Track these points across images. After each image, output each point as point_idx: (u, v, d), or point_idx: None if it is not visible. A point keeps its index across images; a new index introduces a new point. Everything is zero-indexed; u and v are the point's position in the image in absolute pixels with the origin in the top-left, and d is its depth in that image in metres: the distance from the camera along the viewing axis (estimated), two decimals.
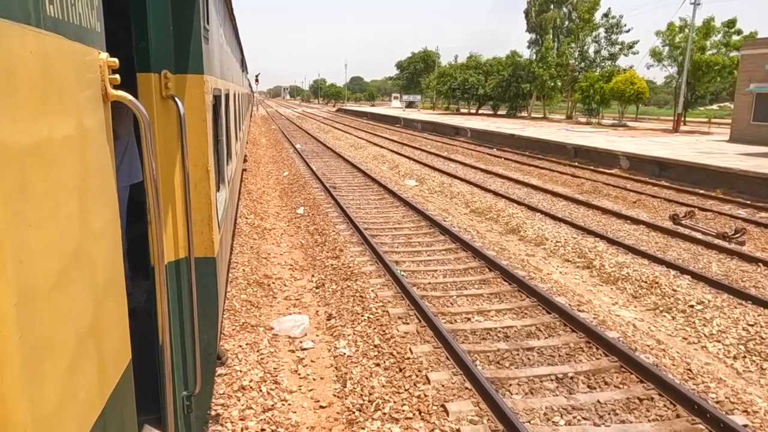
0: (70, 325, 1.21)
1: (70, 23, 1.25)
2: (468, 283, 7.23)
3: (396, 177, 17.28)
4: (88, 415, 1.30)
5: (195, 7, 2.54)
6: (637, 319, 6.49)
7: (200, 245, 2.78)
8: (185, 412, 2.79)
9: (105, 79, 1.50)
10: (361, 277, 7.28)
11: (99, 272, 1.41)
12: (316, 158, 21.44)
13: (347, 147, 26.72)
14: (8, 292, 0.93)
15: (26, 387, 0.99)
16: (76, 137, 1.29)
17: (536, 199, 13.44)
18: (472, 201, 13.03)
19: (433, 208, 12.39)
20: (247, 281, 7.32)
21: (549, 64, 42.82)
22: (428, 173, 17.42)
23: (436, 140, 31.08)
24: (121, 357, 1.58)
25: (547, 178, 17.47)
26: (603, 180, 16.62)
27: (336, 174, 17.17)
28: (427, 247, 9.01)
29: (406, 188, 15.11)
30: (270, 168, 19.03)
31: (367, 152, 24.21)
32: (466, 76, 53.48)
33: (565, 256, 8.88)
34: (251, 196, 13.56)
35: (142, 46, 2.35)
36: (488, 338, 5.63)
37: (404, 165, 19.42)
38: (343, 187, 14.55)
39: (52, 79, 1.15)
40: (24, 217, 1.01)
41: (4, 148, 0.94)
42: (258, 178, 16.73)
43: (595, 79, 37.95)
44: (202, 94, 2.66)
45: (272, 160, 21.21)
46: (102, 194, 1.47)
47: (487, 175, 17.53)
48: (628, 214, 11.83)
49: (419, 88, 73.33)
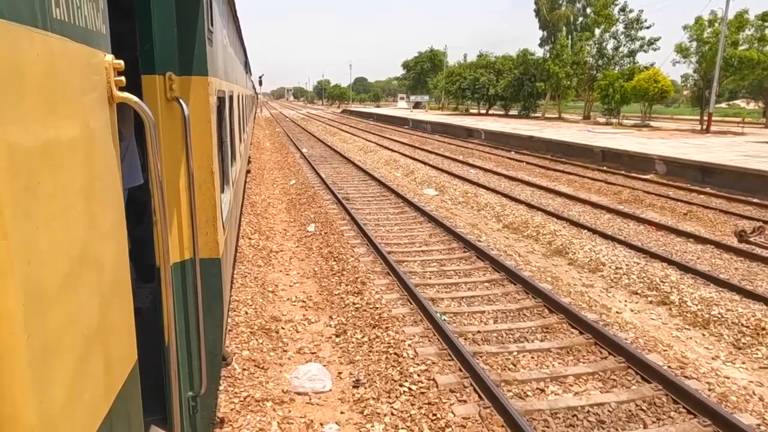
0: (77, 326, 1.22)
1: (76, 25, 1.26)
2: (528, 332, 5.76)
3: (413, 185, 15.81)
4: (94, 416, 1.30)
5: (199, 9, 2.54)
6: (755, 383, 5.00)
7: (205, 246, 2.76)
8: (191, 412, 2.77)
9: (111, 80, 1.50)
10: (392, 324, 5.83)
11: (105, 273, 1.42)
12: (325, 164, 20.01)
13: (356, 151, 25.28)
14: (17, 293, 0.94)
15: (34, 387, 0.99)
16: (83, 139, 1.29)
17: (575, 211, 11.94)
18: (503, 214, 11.56)
19: (462, 223, 10.91)
20: (250, 329, 5.88)
21: (564, 62, 41.12)
22: (447, 180, 15.95)
23: (449, 143, 29.59)
24: (127, 358, 1.58)
25: (578, 185, 15.96)
26: (641, 187, 15.10)
27: (347, 182, 15.71)
28: (465, 277, 7.54)
29: (426, 199, 13.64)
30: (275, 175, 17.61)
31: (378, 156, 22.77)
32: (476, 76, 51.81)
33: (631, 287, 7.39)
34: (255, 209, 12.13)
35: (146, 48, 2.36)
36: (577, 425, 4.15)
37: (420, 171, 17.95)
38: (357, 199, 13.10)
39: (58, 81, 1.15)
40: (32, 218, 1.02)
41: (12, 149, 0.94)
42: (262, 187, 15.31)
43: (615, 77, 36.24)
44: (207, 95, 2.65)
45: (278, 166, 19.80)
46: (108, 196, 1.48)
47: (512, 183, 16.04)
48: (686, 229, 10.31)
49: (426, 89, 71.70)
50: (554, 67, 41.04)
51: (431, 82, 69.40)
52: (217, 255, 2.85)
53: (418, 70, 74.99)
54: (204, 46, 2.59)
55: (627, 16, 39.72)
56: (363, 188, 14.67)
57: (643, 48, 39.71)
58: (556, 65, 41.07)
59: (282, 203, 13.13)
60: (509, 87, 48.38)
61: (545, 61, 43.33)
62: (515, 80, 47.45)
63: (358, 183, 15.59)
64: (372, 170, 18.02)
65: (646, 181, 16.30)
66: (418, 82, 74.53)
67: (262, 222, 10.99)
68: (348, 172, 17.95)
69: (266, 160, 21.92)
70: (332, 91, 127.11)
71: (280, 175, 17.71)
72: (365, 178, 16.40)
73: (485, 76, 51.17)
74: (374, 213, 11.50)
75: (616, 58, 40.91)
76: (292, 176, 16.97)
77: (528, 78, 46.15)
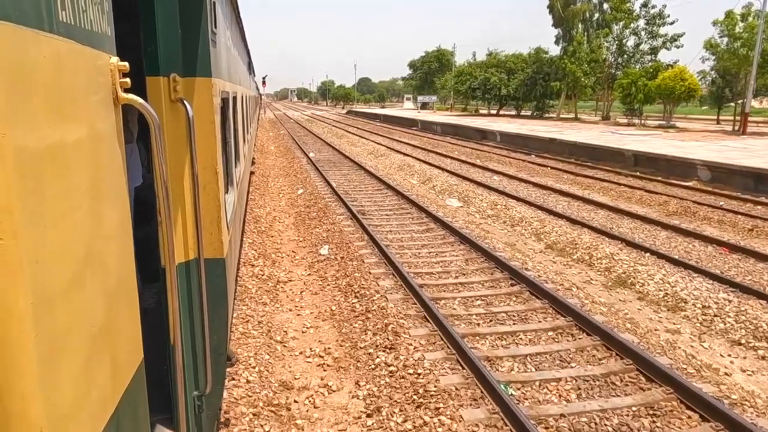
0: (84, 325, 1.22)
1: (82, 28, 1.26)
2: (629, 414, 4.26)
3: (433, 195, 14.33)
4: (101, 414, 1.30)
5: (202, 11, 2.55)
6: None
7: (209, 246, 2.75)
8: (196, 412, 2.76)
9: (116, 82, 1.50)
10: (443, 402, 4.35)
11: (111, 273, 1.42)
12: (334, 169, 18.56)
13: (366, 155, 23.83)
14: (26, 292, 0.94)
15: (42, 385, 0.99)
16: (89, 140, 1.29)
17: (626, 227, 10.44)
18: (543, 231, 10.07)
19: (499, 243, 9.42)
20: (254, 408, 4.42)
21: (581, 60, 39.36)
22: (470, 189, 14.47)
23: (462, 145, 28.08)
24: (133, 357, 1.59)
25: (615, 193, 14.44)
26: (687, 196, 13.57)
27: (361, 192, 14.24)
28: (522, 322, 6.05)
29: (451, 211, 12.16)
30: (281, 183, 16.17)
31: (390, 161, 21.31)
32: (487, 75, 50.08)
33: (730, 335, 5.90)
34: (258, 225, 10.68)
35: (150, 50, 2.37)
36: None
37: (437, 177, 16.48)
38: (374, 212, 11.62)
39: (65, 83, 1.16)
40: (40, 219, 1.02)
41: (20, 151, 0.95)
42: (267, 197, 13.87)
43: (637, 75, 34.53)
44: (210, 96, 2.66)
45: (283, 173, 18.37)
46: (113, 196, 1.48)
47: (542, 191, 14.54)
48: (763, 250, 8.79)
49: (433, 89, 70.04)
50: (570, 66, 39.26)
51: (439, 82, 67.74)
52: (221, 255, 2.84)
53: (425, 69, 73.28)
54: (207, 48, 2.61)
55: (649, 11, 37.94)
56: (379, 199, 13.19)
57: (665, 45, 37.91)
58: (572, 63, 39.30)
59: (289, 217, 11.68)
60: (521, 87, 46.64)
61: (560, 60, 41.56)
62: (528, 79, 45.71)
63: (373, 193, 14.11)
64: (386, 177, 16.56)
65: (691, 189, 14.76)
66: (425, 83, 72.86)
67: (267, 242, 9.54)
68: (360, 179, 16.48)
69: (271, 165, 20.50)
70: (337, 92, 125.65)
71: (286, 182, 16.27)
72: (380, 187, 14.92)
73: (496, 75, 49.46)
74: (395, 231, 10.02)
75: (637, 55, 39.08)
76: (299, 184, 15.53)
77: (542, 77, 44.44)
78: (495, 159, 22.17)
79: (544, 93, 44.91)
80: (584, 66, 39.13)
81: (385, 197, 13.42)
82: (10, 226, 0.92)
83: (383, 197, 13.44)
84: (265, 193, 14.37)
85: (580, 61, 39.17)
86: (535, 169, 19.22)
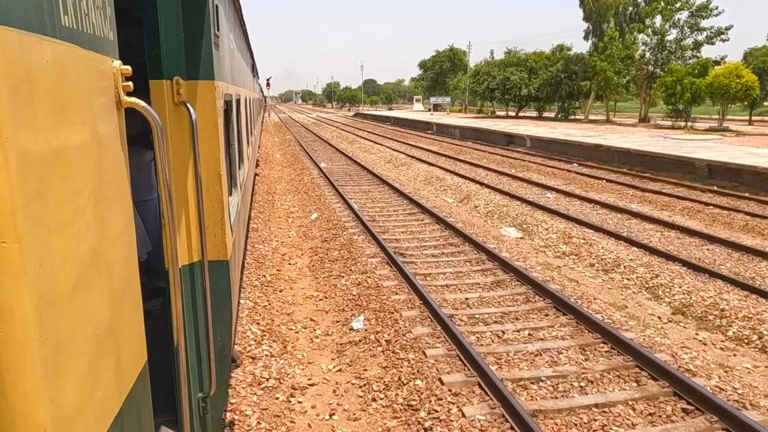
0: (88, 327, 1.22)
1: (84, 33, 1.26)
2: None
3: (479, 219, 11.49)
4: (106, 415, 1.30)
5: (205, 14, 2.54)
6: None
7: (213, 248, 2.75)
8: (201, 413, 2.75)
9: (118, 86, 1.50)
10: None
11: (115, 275, 1.43)
12: (350, 183, 15.77)
13: (383, 164, 21.05)
14: (29, 294, 0.95)
15: (47, 386, 1.00)
16: (92, 144, 1.30)
17: (751, 270, 7.57)
18: (657, 283, 7.23)
19: (607, 307, 6.56)
20: None
21: (613, 57, 36.19)
22: (523, 211, 11.65)
23: (489, 151, 25.20)
24: (137, 358, 1.58)
25: (706, 217, 11.52)
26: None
27: (390, 217, 11.40)
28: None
29: (512, 245, 9.33)
30: (289, 202, 13.40)
31: (413, 172, 18.53)
32: (506, 74, 47.00)
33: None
34: (262, 270, 7.91)
35: (154, 54, 2.36)
36: None
37: (476, 194, 13.68)
38: (415, 251, 8.78)
39: (68, 87, 1.16)
40: (44, 222, 1.03)
41: (24, 155, 0.95)
42: (272, 224, 11.09)
43: (682, 72, 31.36)
44: (214, 99, 2.65)
45: (292, 187, 15.61)
46: (117, 199, 1.48)
47: (615, 214, 11.69)
48: None
49: (445, 89, 66.98)
50: (601, 63, 36.03)
51: (451, 83, 64.73)
52: (225, 257, 2.83)
53: (437, 70, 70.14)
54: (210, 51, 2.59)
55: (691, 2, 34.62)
56: (415, 228, 10.34)
57: (711, 39, 34.71)
58: (604, 61, 36.08)
59: (302, 256, 8.88)
60: (545, 86, 43.52)
61: (590, 57, 38.40)
62: (552, 79, 42.59)
63: (406, 218, 11.25)
64: (414, 194, 13.78)
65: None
66: (437, 83, 69.76)
67: (274, 303, 6.74)
68: (384, 197, 13.65)
69: (276, 177, 17.74)
70: (342, 94, 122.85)
71: (296, 201, 13.50)
72: (411, 209, 12.07)
73: (516, 74, 46.40)
74: (454, 286, 7.14)
75: (679, 51, 35.82)
76: (311, 205, 12.74)
77: (567, 76, 41.38)
78: (533, 168, 19.31)
79: (570, 93, 41.74)
80: (617, 64, 35.93)
81: (423, 225, 10.56)
82: (13, 229, 0.92)
83: (420, 225, 10.58)
84: (270, 218, 11.58)
85: (612, 58, 35.97)
86: (587, 182, 16.33)
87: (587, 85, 38.33)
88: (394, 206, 12.44)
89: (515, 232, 10.29)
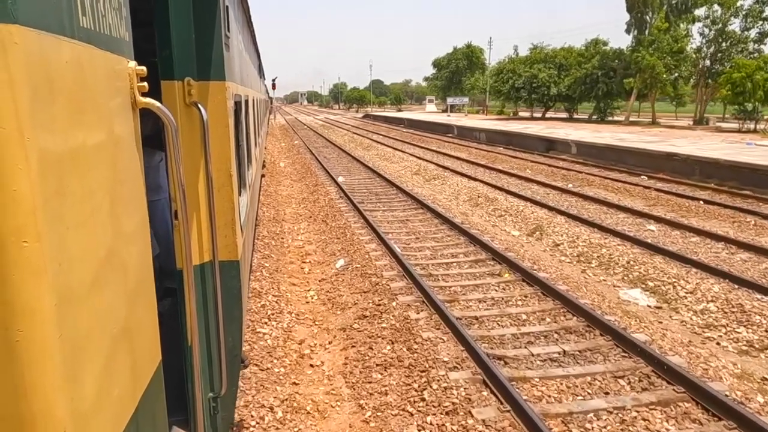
0: (105, 326, 1.22)
1: (102, 33, 1.26)
2: None
3: (578, 272, 8.11)
4: (122, 414, 1.29)
5: (216, 15, 2.52)
6: None
7: (224, 249, 2.74)
8: (212, 413, 2.74)
9: (134, 86, 1.50)
10: None
11: (131, 275, 1.42)
12: (380, 207, 12.49)
13: (411, 176, 17.84)
14: (49, 293, 0.94)
15: (66, 385, 0.99)
16: (109, 144, 1.29)
17: None
18: None
19: None
20: None
21: (663, 51, 32.58)
22: (638, 257, 8.29)
23: (529, 159, 21.90)
24: (152, 357, 1.57)
25: None
26: None
27: (451, 268, 7.99)
28: None
29: (649, 323, 6.00)
30: (304, 236, 10.14)
31: (451, 188, 15.30)
32: (533, 72, 43.41)
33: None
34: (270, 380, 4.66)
35: (165, 55, 2.35)
36: None
37: (552, 225, 10.36)
38: (517, 346, 5.45)
39: (85, 88, 1.16)
40: (62, 221, 1.02)
41: (43, 154, 0.95)
42: (282, 274, 7.85)
43: (752, 67, 27.85)
44: (224, 100, 2.64)
45: (305, 212, 12.35)
46: (132, 199, 1.48)
47: (760, 257, 8.32)
48: None
49: (461, 89, 63.39)
50: (649, 58, 32.39)
51: (469, 82, 61.16)
52: (236, 257, 2.81)
53: (453, 68, 66.46)
54: (221, 51, 2.58)
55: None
56: (498, 293, 6.96)
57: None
58: (652, 55, 32.43)
59: (330, 346, 5.66)
60: (578, 85, 39.87)
61: (633, 51, 34.74)
62: (587, 76, 38.99)
63: (475, 270, 7.88)
64: (467, 223, 10.58)
65: None
66: (452, 83, 66.16)
67: None
68: (430, 230, 10.30)
69: (285, 196, 14.48)
70: (350, 95, 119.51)
71: (312, 234, 10.25)
72: (477, 253, 8.64)
73: (545, 71, 42.79)
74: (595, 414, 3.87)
75: (740, 44, 32.14)
76: (334, 241, 9.47)
77: (605, 73, 37.80)
78: (596, 183, 15.96)
79: (609, 92, 38.00)
80: (667, 58, 32.30)
81: (507, 289, 7.15)
82: (34, 228, 0.92)
83: (502, 287, 7.19)
84: (279, 265, 8.27)
85: (662, 52, 32.32)
86: (678, 204, 12.91)
87: (631, 83, 34.59)
88: (449, 246, 9.10)
89: (642, 296, 6.94)
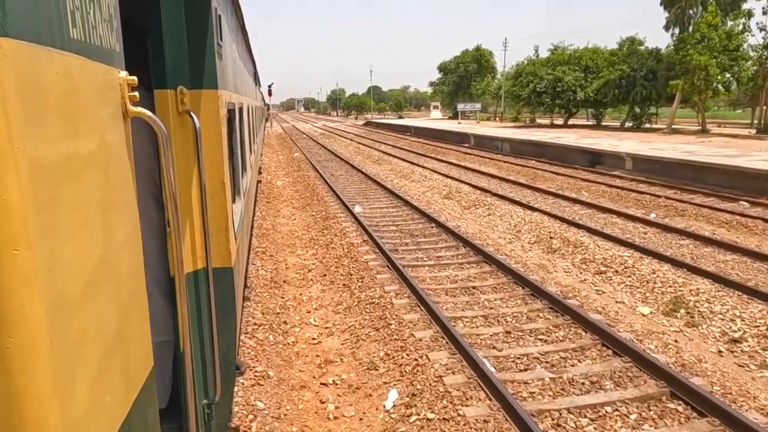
0: (97, 333, 1.23)
1: (92, 44, 1.29)
2: None
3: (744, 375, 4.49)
4: (114, 421, 1.31)
5: (208, 24, 2.56)
6: None
7: (218, 256, 2.76)
8: (206, 420, 2.75)
9: (125, 96, 1.53)
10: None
11: (123, 282, 1.44)
12: (423, 258, 8.80)
13: (441, 201, 14.25)
14: (40, 300, 0.96)
15: (57, 392, 1.01)
16: (100, 153, 1.31)
17: None
18: None
19: None
20: None
21: (714, 49, 28.94)
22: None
23: (575, 176, 18.34)
24: (143, 364, 1.59)
25: None
26: None
27: (595, 409, 4.37)
28: None
29: None
30: (321, 316, 6.55)
31: (504, 221, 11.62)
32: (557, 74, 39.76)
33: None
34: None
35: (158, 64, 2.38)
36: None
37: (693, 292, 6.70)
38: None
39: (76, 98, 1.19)
40: (54, 229, 1.04)
41: (35, 164, 0.97)
42: (283, 422, 4.11)
43: None
44: (217, 108, 2.68)
45: (316, 265, 8.70)
46: (124, 207, 1.50)
47: None
48: None
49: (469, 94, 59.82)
50: (699, 57, 28.67)
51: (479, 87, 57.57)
52: (229, 264, 2.85)
53: (461, 72, 62.79)
54: (214, 60, 2.62)
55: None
56: None
57: None
58: (702, 54, 28.72)
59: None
60: (609, 89, 36.12)
61: (678, 51, 31.11)
62: (622, 79, 35.34)
63: (619, 395, 4.24)
64: (562, 292, 6.94)
65: None
66: (460, 87, 62.54)
67: None
68: (510, 305, 6.63)
69: (286, 234, 10.83)
70: (349, 101, 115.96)
71: (332, 311, 6.66)
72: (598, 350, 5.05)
73: (570, 74, 39.12)
74: None
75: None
76: (369, 340, 5.77)
77: (644, 75, 34.20)
78: (690, 213, 12.27)
79: (647, 96, 34.24)
80: (720, 57, 28.70)
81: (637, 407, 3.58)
82: (25, 237, 0.93)
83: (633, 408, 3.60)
84: (280, 398, 4.59)
85: (714, 50, 28.68)
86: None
87: (677, 86, 30.76)
88: (570, 351, 5.40)
89: None
